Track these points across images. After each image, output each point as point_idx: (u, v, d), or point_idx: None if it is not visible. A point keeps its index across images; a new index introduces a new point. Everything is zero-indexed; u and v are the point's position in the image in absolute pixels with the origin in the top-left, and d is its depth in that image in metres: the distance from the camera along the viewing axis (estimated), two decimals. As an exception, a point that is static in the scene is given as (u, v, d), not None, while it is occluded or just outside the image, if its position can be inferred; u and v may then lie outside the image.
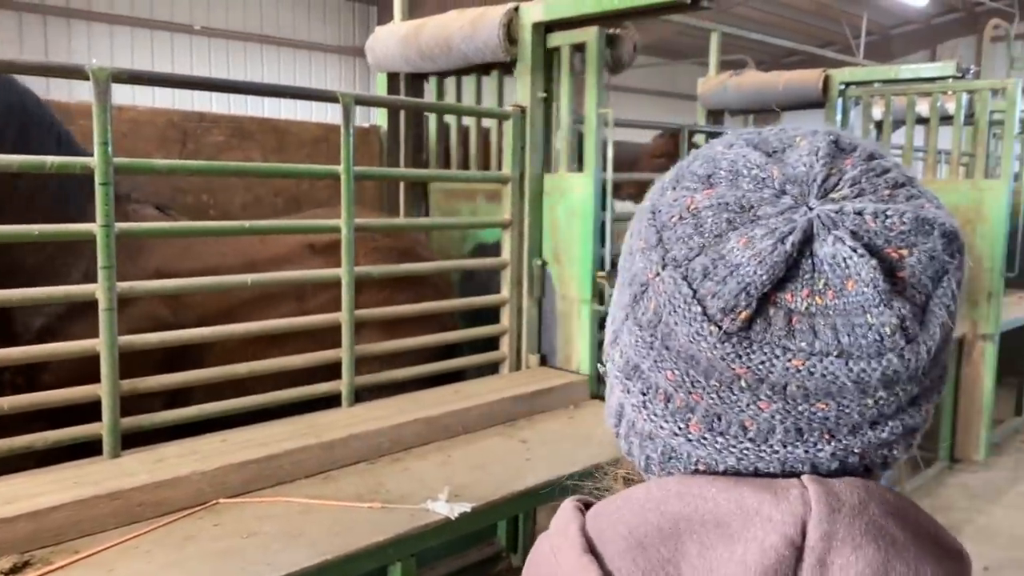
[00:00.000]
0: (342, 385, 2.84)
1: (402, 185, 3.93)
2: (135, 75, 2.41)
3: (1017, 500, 4.71)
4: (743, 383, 0.52)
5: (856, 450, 0.53)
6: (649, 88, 21.08)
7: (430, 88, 4.06)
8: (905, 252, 0.51)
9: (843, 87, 5.15)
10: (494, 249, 3.49)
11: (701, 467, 0.56)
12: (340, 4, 16.50)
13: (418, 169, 3.95)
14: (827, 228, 0.51)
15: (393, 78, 4.12)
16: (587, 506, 0.64)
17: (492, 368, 3.41)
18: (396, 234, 3.24)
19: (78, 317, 2.51)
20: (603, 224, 3.31)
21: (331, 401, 2.86)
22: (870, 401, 0.52)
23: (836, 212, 0.52)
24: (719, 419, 0.54)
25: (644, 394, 0.59)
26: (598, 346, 3.43)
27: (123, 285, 2.33)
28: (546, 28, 3.35)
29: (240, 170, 3.08)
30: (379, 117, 4.15)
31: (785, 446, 0.53)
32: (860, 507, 0.51)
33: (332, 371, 2.84)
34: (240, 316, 2.75)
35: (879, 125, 5.98)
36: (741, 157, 0.58)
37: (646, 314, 0.57)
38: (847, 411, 0.52)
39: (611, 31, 3.32)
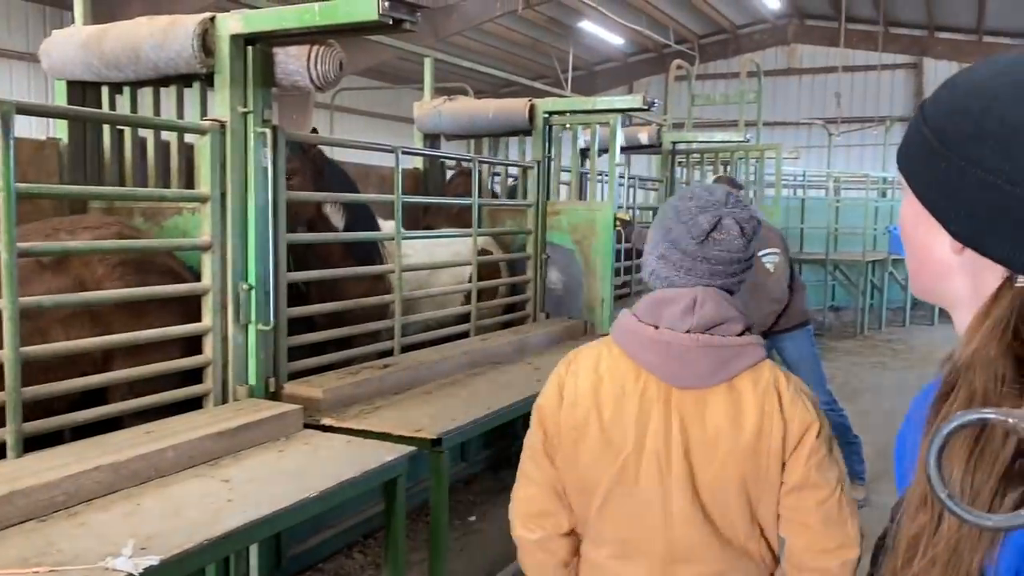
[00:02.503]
0: (6, 433, 2.47)
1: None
2: None
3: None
4: (700, 258, 1.63)
5: (727, 285, 1.66)
6: (374, 111, 21.20)
7: (123, 99, 3.71)
8: (747, 227, 1.64)
9: (547, 115, 5.46)
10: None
11: (656, 279, 1.69)
12: (27, 8, 14.84)
13: (97, 187, 3.58)
14: (727, 216, 1.63)
15: (76, 87, 3.71)
16: None
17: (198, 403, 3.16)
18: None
19: None
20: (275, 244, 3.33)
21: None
22: (735, 267, 1.66)
23: (729, 212, 1.64)
24: (691, 270, 1.64)
25: (666, 263, 1.65)
26: (271, 362, 3.40)
27: None
28: (246, 41, 3.19)
29: None
30: (59, 129, 3.71)
31: (709, 278, 1.64)
32: (712, 293, 1.64)
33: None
34: None
35: (584, 152, 6.45)
36: (702, 190, 1.71)
37: (670, 236, 1.65)
38: (727, 268, 1.65)
39: (316, 47, 3.23)
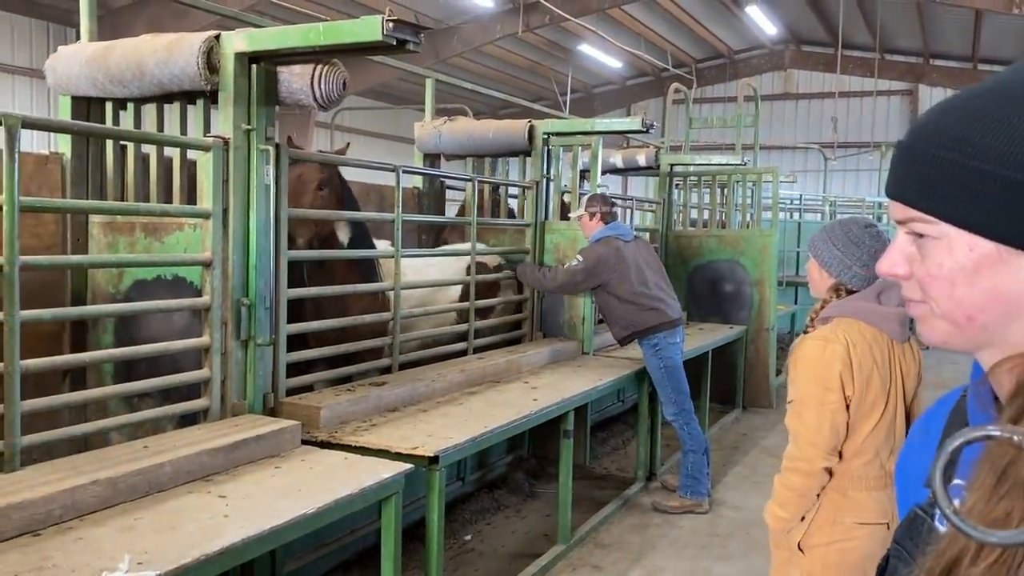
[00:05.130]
0: (2, 446, 2.46)
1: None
2: None
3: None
4: (868, 256, 2.40)
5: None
6: (375, 131, 21.28)
7: (127, 115, 3.74)
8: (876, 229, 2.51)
9: (546, 136, 5.50)
10: (155, 287, 3.28)
11: (858, 280, 2.47)
12: (32, 24, 14.94)
13: (100, 201, 3.59)
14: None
15: (81, 102, 3.74)
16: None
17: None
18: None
19: None
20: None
21: None
22: None
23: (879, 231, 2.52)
24: (868, 267, 2.40)
25: (870, 270, 2.38)
26: (270, 378, 3.41)
27: None
28: (250, 59, 3.22)
29: None
30: (62, 144, 3.73)
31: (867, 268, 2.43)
32: (892, 281, 1.36)
33: None
34: None
35: (583, 172, 6.50)
36: (865, 220, 2.53)
37: (872, 252, 2.41)
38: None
39: (320, 66, 3.26)
